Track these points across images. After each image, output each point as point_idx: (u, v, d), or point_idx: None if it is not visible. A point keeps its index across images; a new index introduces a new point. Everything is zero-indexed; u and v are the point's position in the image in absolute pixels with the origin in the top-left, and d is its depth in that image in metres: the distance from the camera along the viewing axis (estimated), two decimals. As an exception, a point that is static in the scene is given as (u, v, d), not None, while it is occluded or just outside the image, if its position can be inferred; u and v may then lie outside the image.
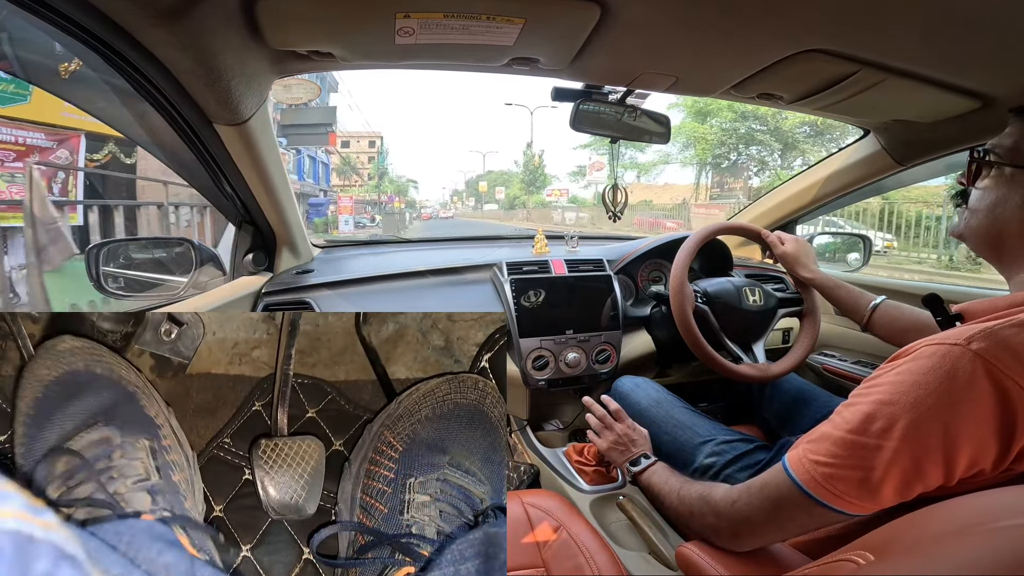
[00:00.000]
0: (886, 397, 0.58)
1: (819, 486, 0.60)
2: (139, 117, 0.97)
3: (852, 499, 0.59)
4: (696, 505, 0.78)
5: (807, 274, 1.22)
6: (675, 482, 0.86)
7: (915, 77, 0.89)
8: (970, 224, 0.72)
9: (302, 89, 2.27)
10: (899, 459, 0.56)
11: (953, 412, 0.54)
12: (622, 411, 1.09)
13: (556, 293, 1.39)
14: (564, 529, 0.93)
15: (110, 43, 0.72)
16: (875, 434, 0.57)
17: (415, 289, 1.46)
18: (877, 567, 0.47)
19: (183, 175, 1.20)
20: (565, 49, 0.87)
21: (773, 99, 1.07)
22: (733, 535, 0.72)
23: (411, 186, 49.91)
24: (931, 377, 0.56)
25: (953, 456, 0.55)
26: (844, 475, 0.59)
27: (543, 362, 1.35)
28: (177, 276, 1.31)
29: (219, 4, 0.69)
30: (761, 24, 0.77)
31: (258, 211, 1.27)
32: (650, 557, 0.96)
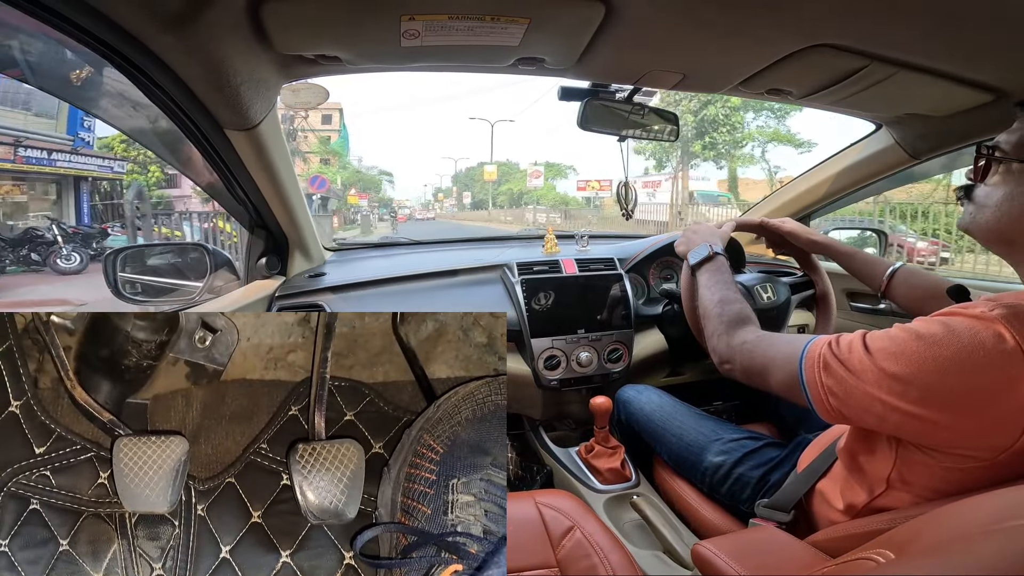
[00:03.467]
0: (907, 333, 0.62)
1: (812, 364, 0.68)
2: (151, 123, 0.98)
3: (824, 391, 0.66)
4: (716, 325, 0.87)
5: (821, 239, 1.17)
6: (720, 292, 0.92)
7: (926, 71, 0.88)
8: (977, 219, 0.71)
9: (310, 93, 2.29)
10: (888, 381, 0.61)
11: (962, 367, 0.57)
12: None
13: (567, 293, 1.39)
14: (578, 529, 0.92)
15: (120, 50, 0.73)
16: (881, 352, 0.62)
17: (426, 290, 1.46)
18: (897, 566, 0.46)
19: (196, 180, 1.22)
20: (571, 48, 0.87)
21: (783, 94, 1.06)
22: (723, 362, 0.84)
23: (385, 180, 41.83)
24: (953, 333, 0.59)
25: (944, 408, 0.58)
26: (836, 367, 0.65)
27: (555, 362, 1.34)
28: (192, 281, 1.32)
29: (226, 10, 0.69)
30: (768, 19, 0.76)
31: (270, 215, 1.29)
32: (665, 556, 0.96)
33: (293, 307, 1.30)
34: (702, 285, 0.96)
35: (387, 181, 42.72)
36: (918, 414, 0.59)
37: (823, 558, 0.69)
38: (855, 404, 0.63)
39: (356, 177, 32.95)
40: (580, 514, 0.96)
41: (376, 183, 38.15)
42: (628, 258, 1.56)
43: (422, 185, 70.78)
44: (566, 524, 0.93)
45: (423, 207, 51.42)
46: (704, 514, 1.01)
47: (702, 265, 0.98)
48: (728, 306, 0.88)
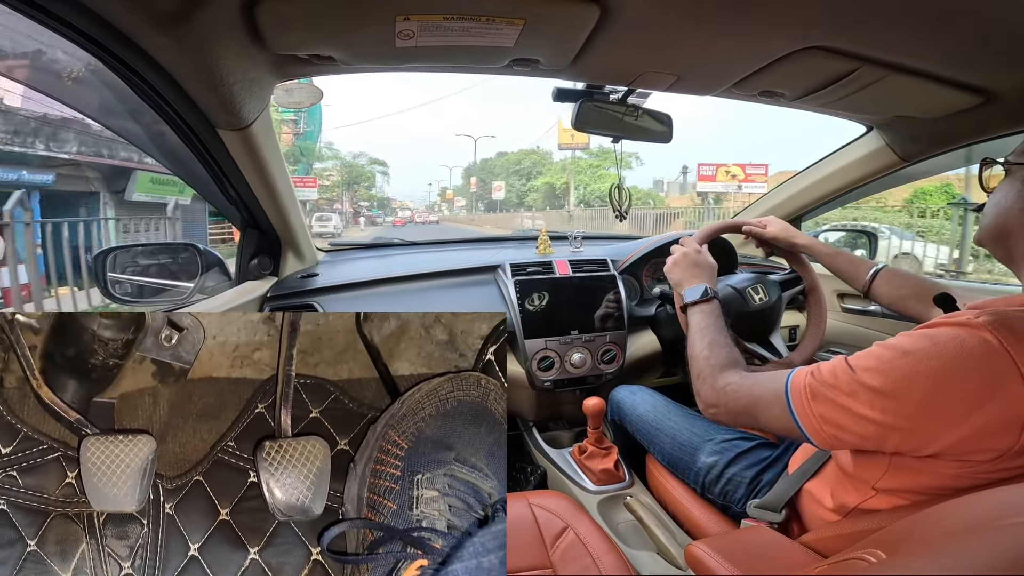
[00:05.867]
0: (892, 351, 0.62)
1: (799, 395, 0.67)
2: (143, 122, 0.97)
3: (817, 420, 0.65)
4: (703, 369, 0.84)
5: (804, 240, 1.18)
6: (711, 335, 0.90)
7: (916, 73, 0.89)
8: (981, 226, 0.73)
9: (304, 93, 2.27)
10: (880, 400, 0.60)
11: (952, 376, 0.57)
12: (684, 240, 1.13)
13: (560, 294, 1.39)
14: (571, 529, 0.92)
15: (113, 49, 0.72)
16: (869, 372, 0.62)
17: (419, 292, 1.46)
18: (889, 565, 0.46)
19: (187, 180, 1.21)
20: (565, 49, 0.87)
21: (775, 97, 1.06)
22: (709, 408, 0.81)
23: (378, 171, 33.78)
24: (938, 345, 0.59)
25: (941, 420, 0.58)
26: (825, 394, 0.64)
27: (549, 363, 1.34)
28: (183, 281, 1.31)
29: (220, 9, 0.69)
30: (761, 21, 0.76)
31: (262, 215, 1.28)
32: (658, 557, 0.96)
33: (285, 308, 1.29)
34: (693, 326, 0.94)
35: (380, 173, 35.74)
36: (916, 429, 0.59)
37: (815, 558, 0.69)
38: (851, 429, 0.63)
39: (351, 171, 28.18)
40: (574, 515, 0.96)
41: (365, 175, 32.25)
42: (621, 259, 1.56)
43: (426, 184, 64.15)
44: (560, 525, 0.94)
45: (427, 209, 47.02)
46: (697, 514, 1.01)
47: (696, 305, 0.97)
48: (716, 350, 0.86)
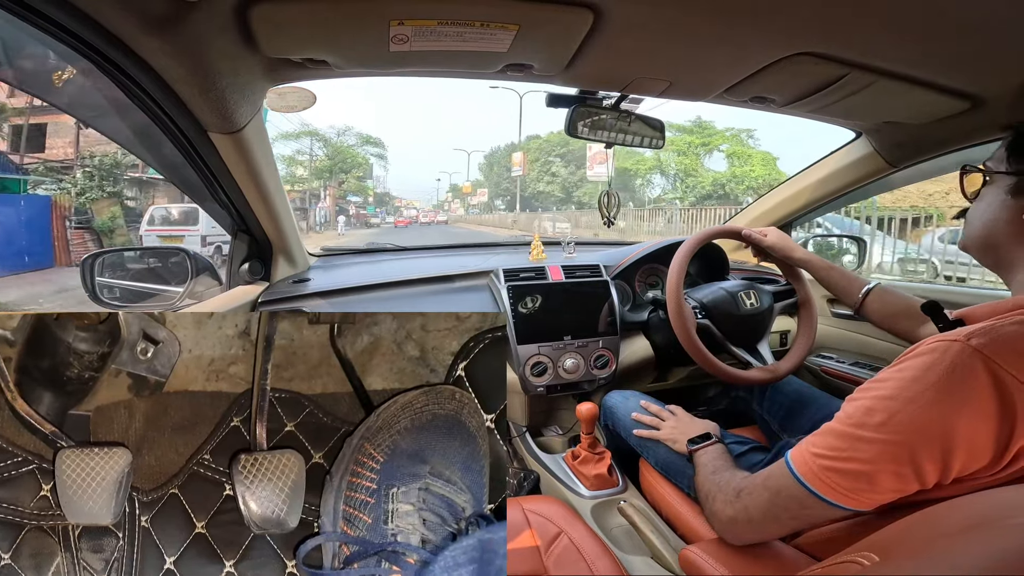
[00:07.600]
0: (886, 392, 0.59)
1: (816, 478, 0.61)
2: (133, 125, 0.96)
3: (847, 492, 0.60)
4: (711, 488, 0.80)
5: (801, 255, 1.20)
6: (715, 464, 0.88)
7: (905, 79, 0.90)
8: (966, 234, 0.74)
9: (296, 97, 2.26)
10: (896, 452, 0.57)
11: (951, 407, 0.55)
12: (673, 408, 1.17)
13: (553, 299, 1.39)
14: (565, 535, 0.92)
15: (104, 51, 0.71)
16: (873, 427, 0.58)
17: (411, 297, 1.45)
18: (882, 568, 0.47)
19: (178, 184, 1.20)
20: (559, 55, 0.87)
21: (766, 102, 1.08)
22: (730, 523, 0.73)
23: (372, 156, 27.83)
24: (930, 372, 0.56)
25: (950, 451, 0.55)
26: (841, 467, 0.60)
27: (541, 368, 1.34)
28: (173, 286, 1.30)
29: (213, 12, 0.69)
30: (751, 28, 0.77)
31: (253, 220, 1.27)
32: (652, 561, 0.96)
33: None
34: (700, 466, 0.91)
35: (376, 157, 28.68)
36: (930, 467, 0.56)
37: (809, 561, 0.70)
38: (880, 484, 0.58)
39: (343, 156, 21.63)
40: (568, 520, 0.96)
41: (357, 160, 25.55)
42: (614, 265, 1.56)
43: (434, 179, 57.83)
44: (554, 530, 0.93)
45: (434, 209, 41.90)
46: (691, 518, 1.01)
47: (701, 448, 0.95)
48: (722, 473, 0.83)
